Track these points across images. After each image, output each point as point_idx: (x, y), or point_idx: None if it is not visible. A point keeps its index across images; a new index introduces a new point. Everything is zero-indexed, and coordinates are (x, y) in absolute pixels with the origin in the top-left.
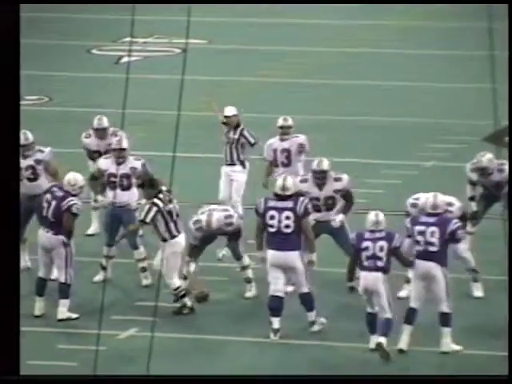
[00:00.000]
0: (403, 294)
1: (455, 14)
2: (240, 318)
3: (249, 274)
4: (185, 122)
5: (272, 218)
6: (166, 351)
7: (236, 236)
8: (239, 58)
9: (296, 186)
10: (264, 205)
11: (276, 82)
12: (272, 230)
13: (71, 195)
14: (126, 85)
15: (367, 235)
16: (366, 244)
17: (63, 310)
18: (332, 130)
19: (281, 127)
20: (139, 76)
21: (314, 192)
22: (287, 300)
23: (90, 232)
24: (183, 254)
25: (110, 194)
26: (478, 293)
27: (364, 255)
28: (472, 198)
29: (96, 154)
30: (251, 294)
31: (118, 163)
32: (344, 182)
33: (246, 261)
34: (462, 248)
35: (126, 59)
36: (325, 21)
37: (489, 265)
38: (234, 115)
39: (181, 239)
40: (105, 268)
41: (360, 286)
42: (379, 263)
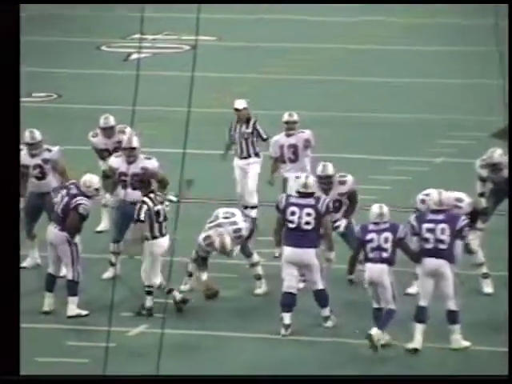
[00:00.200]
0: (412, 290)
1: (462, 11)
2: (250, 314)
3: (258, 270)
4: (195, 118)
5: (293, 213)
6: (175, 348)
7: (247, 237)
8: (248, 55)
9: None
10: (285, 201)
11: (282, 78)
12: (292, 225)
13: (84, 195)
14: (137, 81)
15: (371, 227)
16: (370, 236)
17: (72, 307)
18: (340, 126)
19: (286, 122)
20: (149, 73)
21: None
22: (298, 296)
23: (99, 229)
24: (163, 256)
25: (121, 192)
26: (488, 289)
27: (369, 247)
28: (482, 194)
29: (105, 153)
30: (261, 290)
31: (128, 162)
32: (349, 183)
33: (256, 258)
34: (474, 244)
35: (135, 56)
36: (330, 18)
37: (498, 261)
38: (245, 108)
39: (163, 241)
40: (114, 264)
41: (365, 277)
42: (384, 254)
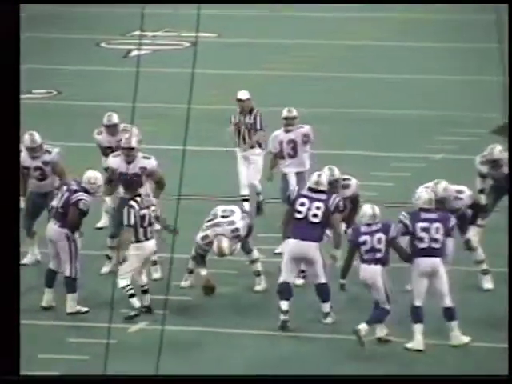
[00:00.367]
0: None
1: (461, 7)
2: (249, 311)
3: (258, 267)
4: (195, 115)
5: (302, 204)
6: (176, 344)
7: (247, 235)
8: (248, 52)
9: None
10: (297, 192)
11: (282, 75)
12: (299, 216)
13: (84, 191)
14: (137, 78)
15: (364, 229)
16: (363, 238)
17: (72, 303)
18: (340, 122)
19: (285, 118)
20: (148, 69)
21: None
22: (298, 292)
23: (99, 225)
24: (146, 260)
25: (121, 190)
26: (488, 285)
27: (363, 249)
28: (482, 191)
29: (108, 151)
30: (260, 287)
31: (127, 162)
32: (353, 187)
33: (256, 254)
34: (474, 240)
35: (134, 53)
36: (330, 14)
37: (498, 257)
38: (248, 99)
39: (146, 246)
40: (110, 258)
41: (360, 277)
42: (378, 255)
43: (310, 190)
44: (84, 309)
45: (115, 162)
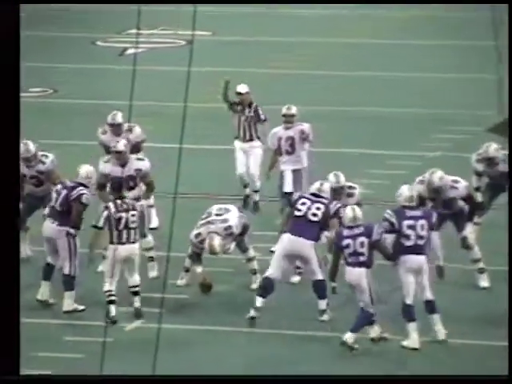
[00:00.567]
0: None
1: (459, 5)
2: (245, 309)
3: (254, 265)
4: (191, 113)
5: (303, 204)
6: (172, 343)
7: (242, 233)
8: (244, 50)
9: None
10: (300, 194)
11: (280, 73)
12: (298, 213)
13: (83, 185)
14: (133, 76)
15: (346, 232)
16: (346, 242)
17: (69, 302)
18: (337, 120)
19: (284, 115)
20: (145, 68)
21: None
22: (294, 291)
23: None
24: (125, 262)
25: None
26: (484, 283)
27: (346, 252)
28: (478, 189)
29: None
30: (257, 285)
31: (120, 165)
32: (356, 196)
33: (252, 253)
34: (470, 238)
35: (130, 51)
36: (327, 11)
37: (496, 255)
38: (247, 92)
39: (121, 249)
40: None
41: (346, 278)
42: (361, 258)
43: (312, 195)
44: (80, 307)
45: (107, 167)
